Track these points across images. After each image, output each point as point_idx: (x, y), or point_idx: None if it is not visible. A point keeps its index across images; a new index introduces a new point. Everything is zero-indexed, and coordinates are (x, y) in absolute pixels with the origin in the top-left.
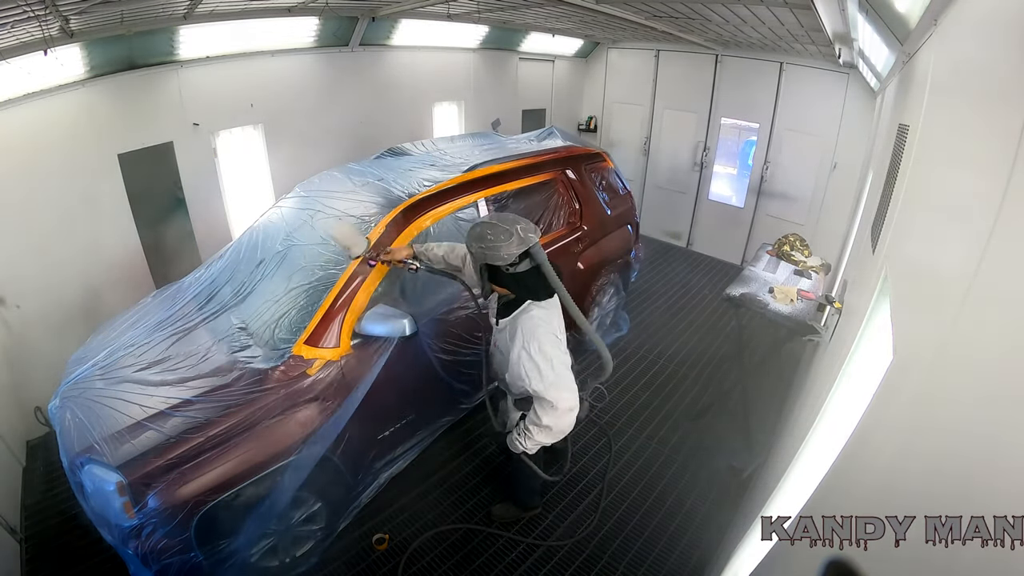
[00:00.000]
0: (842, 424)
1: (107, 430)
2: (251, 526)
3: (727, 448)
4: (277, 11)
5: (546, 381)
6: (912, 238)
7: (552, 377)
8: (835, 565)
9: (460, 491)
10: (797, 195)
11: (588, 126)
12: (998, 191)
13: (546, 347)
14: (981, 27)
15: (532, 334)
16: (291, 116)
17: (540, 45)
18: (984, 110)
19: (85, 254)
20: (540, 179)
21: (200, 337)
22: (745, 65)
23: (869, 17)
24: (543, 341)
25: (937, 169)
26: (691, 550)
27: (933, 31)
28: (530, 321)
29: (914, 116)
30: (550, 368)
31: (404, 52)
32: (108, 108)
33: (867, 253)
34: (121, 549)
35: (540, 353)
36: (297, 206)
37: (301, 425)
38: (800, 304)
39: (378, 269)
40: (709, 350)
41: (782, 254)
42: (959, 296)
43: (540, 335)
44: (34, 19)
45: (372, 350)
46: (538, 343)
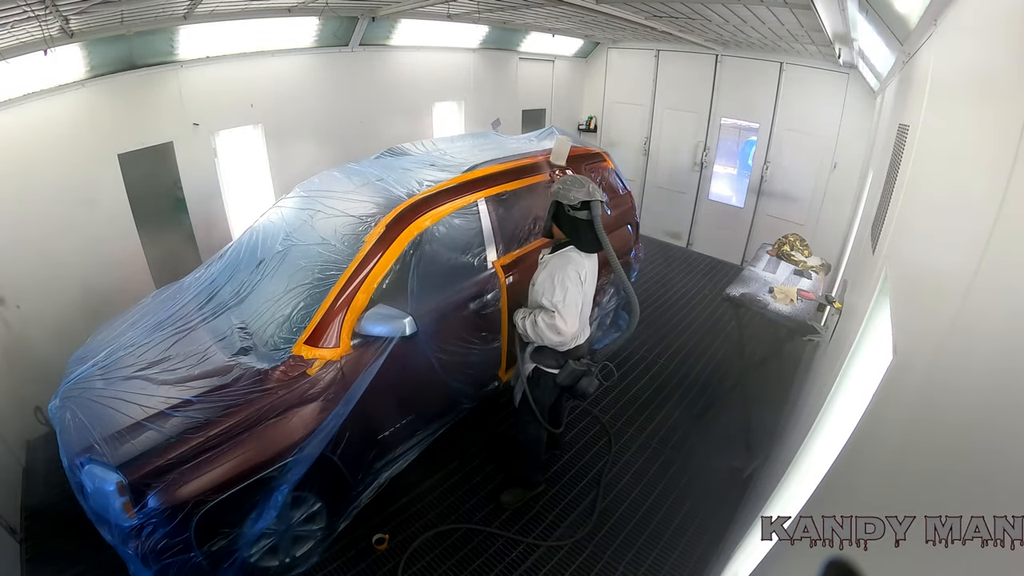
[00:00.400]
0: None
1: (107, 430)
2: (251, 526)
3: (727, 448)
4: (277, 11)
5: (555, 300)
6: (912, 238)
7: (561, 300)
8: (835, 565)
9: (460, 491)
10: (797, 195)
11: (588, 126)
12: (998, 191)
13: (567, 281)
14: (981, 27)
15: (563, 268)
16: (291, 116)
17: (540, 45)
18: (984, 110)
19: (85, 254)
20: (540, 179)
21: (200, 337)
22: (745, 65)
23: (869, 17)
24: (568, 275)
25: (937, 169)
26: (691, 550)
27: (933, 31)
28: (564, 259)
29: (914, 116)
30: (564, 294)
31: (404, 52)
32: (108, 108)
33: (867, 253)
34: (121, 549)
35: (561, 283)
36: (297, 206)
37: (301, 425)
38: (800, 304)
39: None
40: (709, 350)
41: (782, 254)
42: (959, 296)
43: (568, 271)
44: (34, 19)
45: (372, 350)
46: (563, 275)
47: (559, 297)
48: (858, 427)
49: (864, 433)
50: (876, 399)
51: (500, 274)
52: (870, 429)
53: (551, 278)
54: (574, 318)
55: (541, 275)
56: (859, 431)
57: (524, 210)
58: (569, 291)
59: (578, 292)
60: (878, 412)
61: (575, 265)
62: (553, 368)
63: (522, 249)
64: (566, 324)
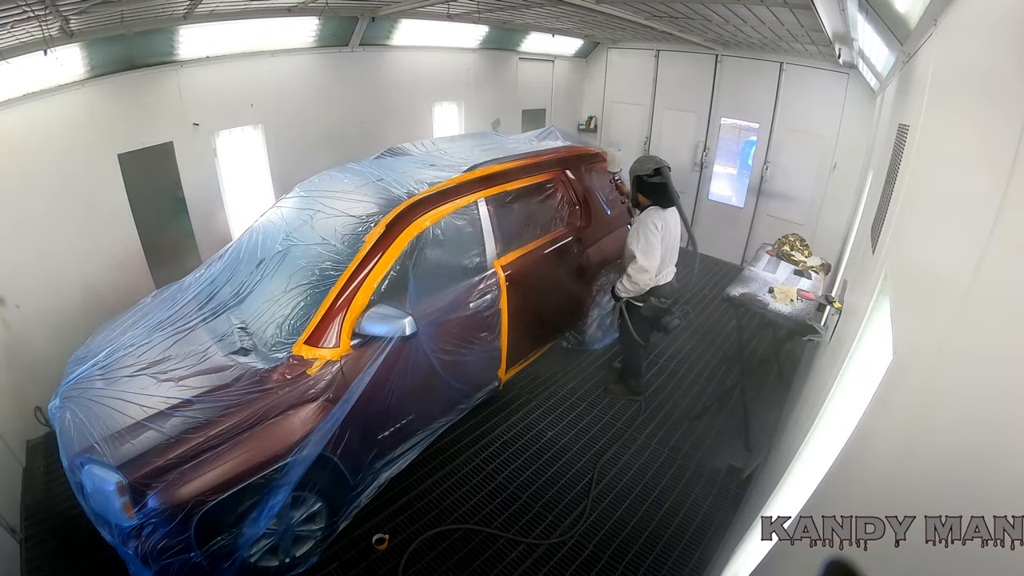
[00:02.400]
0: (842, 424)
1: (107, 430)
2: (251, 526)
3: (727, 448)
4: (277, 11)
5: (639, 246)
6: (912, 238)
7: (643, 245)
8: (835, 565)
9: (460, 491)
10: (797, 195)
11: (588, 126)
12: (998, 191)
13: (646, 231)
14: (981, 27)
15: (643, 222)
16: (291, 116)
17: (540, 45)
18: (984, 110)
19: (85, 254)
20: (540, 179)
21: (200, 337)
22: (745, 65)
23: (869, 17)
24: (647, 227)
25: (937, 169)
26: (691, 550)
27: (933, 31)
28: (645, 215)
29: (914, 116)
30: (645, 240)
31: (404, 52)
32: (108, 108)
33: (867, 253)
34: (121, 549)
35: (642, 233)
36: (297, 206)
37: (301, 425)
38: (800, 304)
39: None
40: (709, 350)
41: (782, 254)
42: (959, 295)
43: (647, 223)
44: (34, 19)
45: (372, 350)
46: (644, 227)
47: (641, 243)
48: (858, 427)
49: (864, 433)
50: (876, 399)
51: (500, 274)
52: (870, 429)
53: (636, 232)
54: (654, 258)
55: (631, 233)
56: (859, 431)
57: (524, 210)
58: (648, 238)
59: (655, 238)
60: (878, 412)
61: (652, 218)
62: (638, 302)
63: (522, 249)
64: (648, 261)
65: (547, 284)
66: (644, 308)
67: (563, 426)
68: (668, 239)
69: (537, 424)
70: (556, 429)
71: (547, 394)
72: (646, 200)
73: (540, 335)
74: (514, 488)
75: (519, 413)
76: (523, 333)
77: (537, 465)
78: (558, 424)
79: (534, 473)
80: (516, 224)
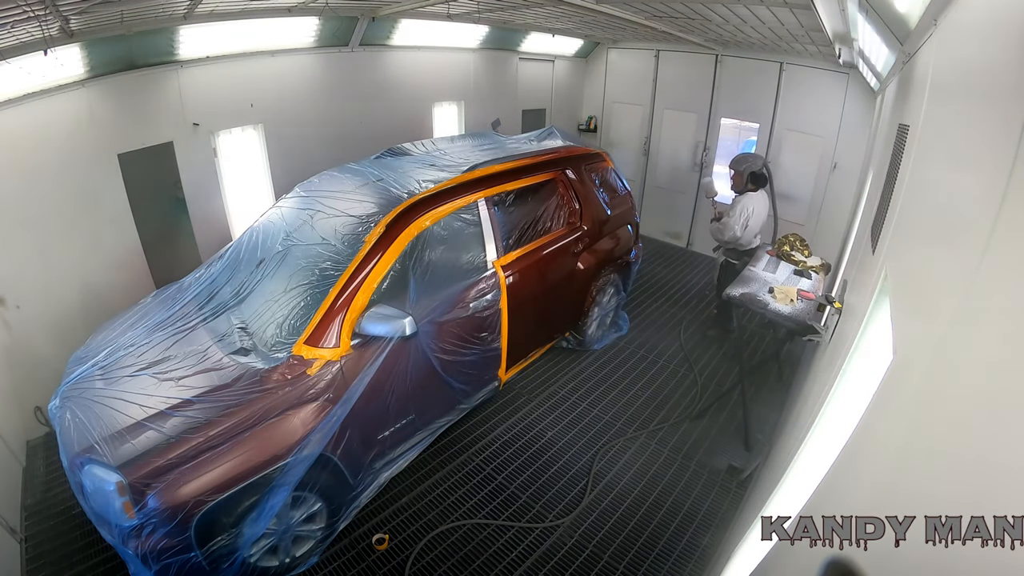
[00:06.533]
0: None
1: (107, 430)
2: (251, 526)
3: (727, 448)
4: (277, 11)
5: (732, 217)
6: (912, 238)
7: (735, 218)
8: (835, 565)
9: (460, 491)
10: (797, 195)
11: (588, 126)
12: (998, 191)
13: (739, 208)
14: (981, 27)
15: (739, 201)
16: (291, 116)
17: (540, 45)
18: (984, 110)
19: (85, 254)
20: (540, 179)
21: (200, 337)
22: (745, 65)
23: (869, 17)
24: (743, 204)
25: (937, 169)
26: (691, 550)
27: (933, 31)
28: (741, 197)
29: (914, 116)
30: (737, 213)
31: (404, 52)
32: (108, 108)
33: (867, 253)
34: (121, 549)
35: (738, 207)
36: (297, 206)
37: (301, 425)
38: (800, 304)
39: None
40: (709, 350)
41: (782, 254)
42: (959, 296)
43: (744, 202)
44: (34, 19)
45: (372, 350)
46: (740, 204)
47: (734, 214)
48: (858, 427)
49: (864, 433)
50: (876, 399)
51: (500, 274)
52: (870, 429)
53: (733, 206)
54: (738, 227)
55: (731, 206)
56: (859, 431)
57: (524, 210)
58: (737, 211)
59: (744, 214)
60: (878, 412)
61: (747, 200)
62: (735, 260)
63: (522, 249)
64: (729, 228)
65: (547, 284)
66: (738, 266)
67: (563, 426)
68: (754, 219)
69: (537, 424)
70: (556, 429)
71: (547, 394)
72: (753, 187)
73: (540, 335)
74: (514, 488)
75: (519, 413)
76: (523, 333)
77: (537, 465)
78: (558, 424)
79: (534, 473)
80: (516, 224)
